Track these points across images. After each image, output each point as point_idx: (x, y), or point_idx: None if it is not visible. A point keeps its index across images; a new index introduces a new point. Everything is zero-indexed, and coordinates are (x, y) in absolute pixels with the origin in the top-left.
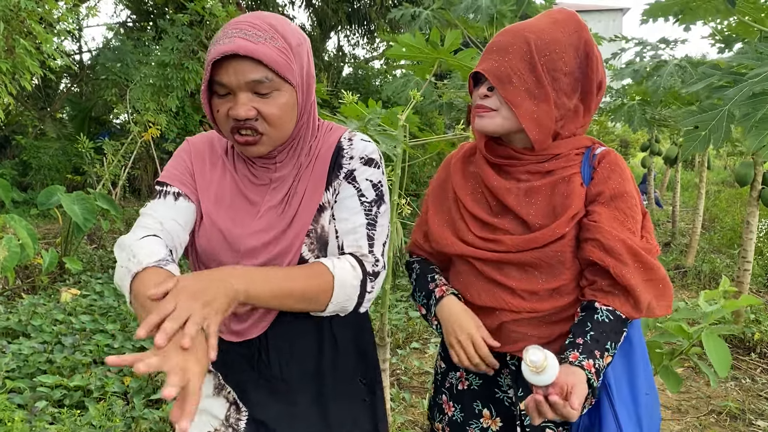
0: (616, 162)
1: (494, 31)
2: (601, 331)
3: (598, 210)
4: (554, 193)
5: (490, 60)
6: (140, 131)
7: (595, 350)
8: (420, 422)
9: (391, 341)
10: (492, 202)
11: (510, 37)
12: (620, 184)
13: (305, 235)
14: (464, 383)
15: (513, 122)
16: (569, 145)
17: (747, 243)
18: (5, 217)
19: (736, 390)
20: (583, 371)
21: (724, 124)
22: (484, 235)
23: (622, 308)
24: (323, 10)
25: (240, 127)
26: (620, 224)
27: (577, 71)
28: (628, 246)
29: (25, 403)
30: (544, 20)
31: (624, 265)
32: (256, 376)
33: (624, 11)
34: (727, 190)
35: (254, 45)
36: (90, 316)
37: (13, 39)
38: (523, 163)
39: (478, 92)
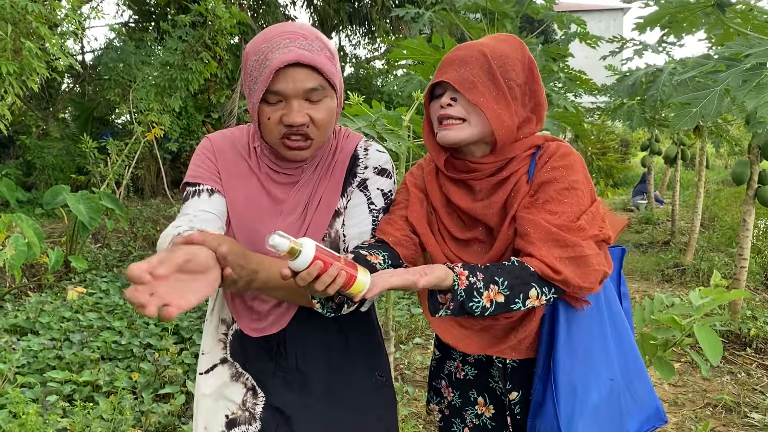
0: (555, 152)
1: (495, 32)
2: (499, 268)
3: (525, 201)
4: (504, 191)
5: (452, 71)
6: (144, 131)
7: (479, 272)
8: (422, 415)
9: (394, 337)
10: (462, 215)
11: (466, 51)
12: (550, 171)
13: (321, 238)
14: (461, 372)
15: (481, 128)
16: (523, 146)
17: (743, 241)
18: (12, 216)
19: (732, 384)
20: (451, 272)
21: (716, 102)
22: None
23: (532, 263)
24: (325, 10)
25: (292, 133)
26: (538, 208)
27: (525, 84)
28: (538, 225)
29: (37, 398)
30: (491, 39)
31: (531, 245)
32: (274, 367)
33: (624, 11)
34: (726, 189)
35: (311, 55)
36: (97, 313)
37: (21, 41)
38: (482, 173)
39: (440, 102)
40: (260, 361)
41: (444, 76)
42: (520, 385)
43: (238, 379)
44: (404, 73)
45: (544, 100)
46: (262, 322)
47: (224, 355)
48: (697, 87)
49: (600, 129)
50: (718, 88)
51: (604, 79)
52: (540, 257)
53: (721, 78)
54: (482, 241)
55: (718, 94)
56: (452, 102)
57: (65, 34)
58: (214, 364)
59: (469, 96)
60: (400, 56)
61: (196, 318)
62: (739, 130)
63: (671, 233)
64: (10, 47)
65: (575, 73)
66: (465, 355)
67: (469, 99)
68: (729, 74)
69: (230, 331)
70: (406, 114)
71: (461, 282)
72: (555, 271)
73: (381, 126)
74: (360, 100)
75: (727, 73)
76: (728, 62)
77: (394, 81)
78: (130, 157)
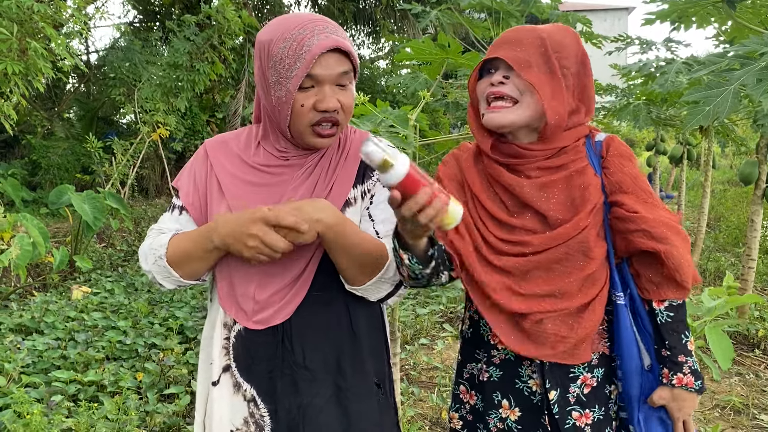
0: (623, 147)
1: (500, 31)
2: (670, 331)
3: (626, 200)
4: (570, 186)
5: (507, 49)
6: (149, 131)
7: (680, 356)
8: (429, 416)
9: (400, 337)
10: (508, 201)
11: (522, 33)
12: (634, 167)
13: None
14: (485, 374)
15: (532, 112)
16: (572, 136)
17: (751, 241)
18: (17, 216)
19: (740, 385)
20: (688, 392)
21: (730, 100)
22: (507, 237)
23: (673, 294)
24: (329, 9)
25: (324, 119)
26: (652, 206)
27: (577, 75)
28: (672, 226)
29: (42, 398)
30: (551, 27)
31: (674, 247)
32: (280, 364)
33: (629, 10)
34: (732, 189)
35: (345, 42)
36: (101, 313)
37: (27, 41)
38: (531, 159)
39: (492, 79)
40: (266, 360)
41: (498, 52)
42: (558, 383)
43: (238, 391)
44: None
45: (594, 94)
46: (265, 312)
47: (227, 362)
48: (710, 85)
49: (606, 129)
50: (732, 87)
51: (609, 79)
52: (680, 265)
53: (735, 76)
54: (531, 230)
55: (732, 93)
56: (504, 80)
57: (70, 34)
58: (219, 375)
59: (525, 74)
60: (406, 56)
61: (201, 318)
62: (744, 129)
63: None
64: (15, 47)
65: None
66: (490, 356)
67: (525, 78)
68: (743, 72)
69: (232, 333)
70: (412, 113)
71: (692, 380)
72: (684, 280)
73: (386, 128)
74: (365, 99)
75: (741, 71)
76: (742, 60)
77: (398, 78)
78: (135, 157)
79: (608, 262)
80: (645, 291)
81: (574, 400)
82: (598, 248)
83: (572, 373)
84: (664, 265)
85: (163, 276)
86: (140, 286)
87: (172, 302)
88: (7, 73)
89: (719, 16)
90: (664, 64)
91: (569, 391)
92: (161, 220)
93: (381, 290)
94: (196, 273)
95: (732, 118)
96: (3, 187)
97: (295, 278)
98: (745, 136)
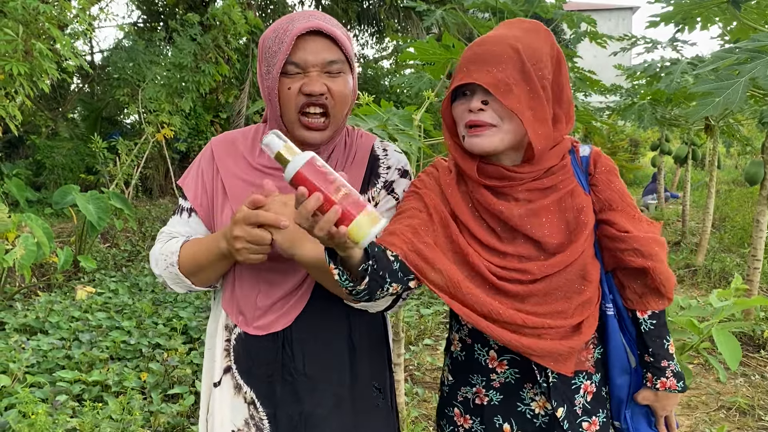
0: (609, 161)
1: None
2: (653, 338)
3: (616, 219)
4: (563, 209)
5: (482, 71)
6: (153, 131)
7: (662, 361)
8: (432, 416)
9: (404, 338)
10: (497, 227)
11: (497, 47)
12: (620, 182)
13: None
14: (483, 398)
15: (514, 136)
16: (558, 153)
17: (757, 242)
18: (22, 216)
19: (746, 386)
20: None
21: (740, 92)
22: (501, 263)
23: (657, 305)
24: (333, 9)
25: (311, 103)
26: (638, 222)
27: (554, 81)
28: (658, 241)
29: (46, 397)
30: (518, 29)
31: (661, 262)
32: (280, 369)
33: (634, 10)
34: (737, 190)
35: (331, 27)
36: (106, 313)
37: (32, 43)
38: (518, 182)
39: (469, 106)
40: (265, 364)
41: (474, 76)
42: (563, 399)
43: (239, 393)
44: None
45: (570, 94)
46: (266, 318)
47: (228, 364)
48: (720, 77)
49: (611, 129)
50: (744, 79)
51: (613, 79)
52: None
53: (746, 69)
54: (525, 257)
55: (743, 85)
56: (483, 107)
57: (75, 35)
58: (220, 376)
59: (505, 101)
60: (410, 56)
61: (205, 318)
62: (750, 129)
63: (682, 234)
64: (21, 48)
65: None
66: (489, 380)
67: (506, 105)
68: (756, 65)
69: (233, 335)
70: (417, 113)
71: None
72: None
73: (392, 126)
74: (370, 100)
75: (752, 64)
76: (752, 54)
77: (402, 78)
78: (139, 157)
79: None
80: (629, 301)
81: (581, 411)
82: (594, 270)
83: (574, 385)
84: (649, 278)
85: (174, 282)
86: (144, 286)
87: (176, 302)
88: (13, 74)
89: (724, 16)
90: (669, 65)
91: (575, 403)
92: (171, 224)
93: (378, 305)
94: (208, 280)
95: (737, 118)
96: (8, 187)
97: (296, 286)
98: (751, 135)
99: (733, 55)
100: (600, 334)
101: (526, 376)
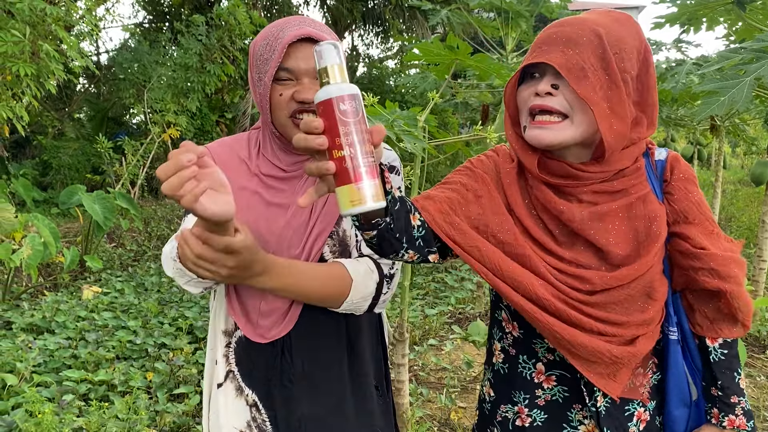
0: (688, 169)
1: (509, 31)
2: (723, 369)
3: (692, 233)
4: (632, 216)
5: (556, 51)
6: (159, 131)
7: (732, 396)
8: (437, 416)
9: (408, 338)
10: (556, 229)
11: (576, 28)
12: (699, 192)
13: (328, 236)
14: (525, 419)
15: (585, 129)
16: (632, 155)
17: (763, 242)
18: (28, 216)
19: (751, 387)
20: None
21: (745, 91)
22: (561, 267)
23: (730, 333)
24: (338, 9)
25: (302, 110)
26: (716, 238)
27: (638, 77)
28: (738, 261)
29: (53, 397)
30: (605, 17)
31: (740, 285)
32: (278, 375)
33: (639, 9)
34: (743, 190)
35: (322, 34)
36: (112, 312)
37: (39, 44)
38: (584, 182)
39: (537, 88)
40: (265, 369)
41: (546, 56)
42: (615, 427)
43: (240, 395)
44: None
45: (656, 97)
46: (267, 325)
47: (229, 368)
48: (726, 76)
49: None
50: (749, 78)
51: None
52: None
53: (751, 69)
54: (584, 266)
55: (748, 84)
56: (552, 90)
57: (81, 35)
58: (223, 378)
59: (577, 87)
60: (415, 57)
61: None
62: (755, 129)
63: None
64: (28, 49)
65: None
66: (533, 396)
67: (578, 91)
68: (762, 64)
69: (233, 339)
70: (421, 114)
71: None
72: (746, 318)
73: (398, 127)
74: (374, 100)
75: (759, 63)
76: (758, 54)
77: (407, 78)
78: (145, 157)
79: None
80: (698, 326)
81: None
82: (662, 288)
83: (628, 411)
84: (724, 302)
85: (182, 278)
86: (150, 285)
87: (181, 302)
88: (20, 75)
89: (729, 17)
90: (675, 65)
91: (629, 431)
92: (187, 221)
93: (361, 307)
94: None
95: (743, 118)
96: (14, 187)
97: None
98: (756, 135)
99: (738, 55)
100: (659, 360)
101: (576, 396)
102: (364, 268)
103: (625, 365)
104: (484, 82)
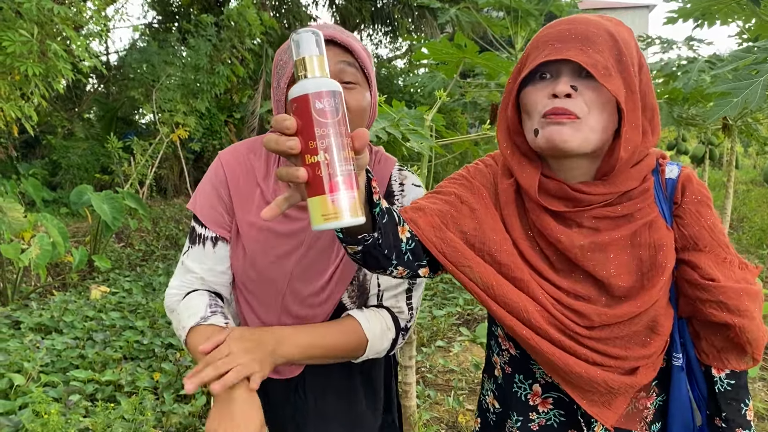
0: (702, 190)
1: (519, 30)
2: (729, 400)
3: (702, 262)
4: (636, 244)
5: (575, 49)
6: (168, 132)
7: (737, 429)
8: (445, 419)
9: (416, 340)
10: (553, 256)
11: (590, 27)
12: (712, 215)
13: (349, 281)
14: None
15: (599, 137)
16: (641, 173)
17: None
18: (38, 215)
19: (764, 391)
20: None
21: (759, 91)
22: (558, 296)
23: (738, 364)
24: (347, 9)
25: None
26: (729, 266)
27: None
28: (751, 293)
29: (60, 397)
30: (606, 19)
31: (751, 320)
32: (293, 412)
33: (650, 8)
34: (756, 190)
35: (345, 37)
36: (119, 312)
37: (47, 44)
38: (586, 206)
39: (554, 89)
40: (281, 406)
41: (565, 53)
42: None
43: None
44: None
45: (655, 101)
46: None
47: None
48: (738, 77)
49: None
50: (762, 78)
51: None
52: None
53: (765, 68)
54: (583, 297)
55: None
56: (572, 92)
57: (90, 35)
58: None
59: (609, 84)
60: (423, 56)
61: None
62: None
63: None
64: (36, 49)
65: None
66: (527, 419)
67: (609, 89)
68: None
69: None
70: (428, 113)
71: None
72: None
73: (405, 126)
74: (382, 99)
75: None
76: None
77: (415, 77)
78: (154, 157)
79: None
80: (704, 355)
81: None
82: (667, 321)
83: None
84: (733, 334)
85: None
86: (158, 286)
87: None
88: (28, 75)
89: (743, 13)
90: (686, 63)
91: None
92: (192, 257)
93: (377, 356)
94: None
95: (756, 117)
96: (24, 187)
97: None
98: None
99: (751, 55)
100: (663, 382)
101: (572, 422)
102: (381, 327)
103: (621, 395)
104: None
